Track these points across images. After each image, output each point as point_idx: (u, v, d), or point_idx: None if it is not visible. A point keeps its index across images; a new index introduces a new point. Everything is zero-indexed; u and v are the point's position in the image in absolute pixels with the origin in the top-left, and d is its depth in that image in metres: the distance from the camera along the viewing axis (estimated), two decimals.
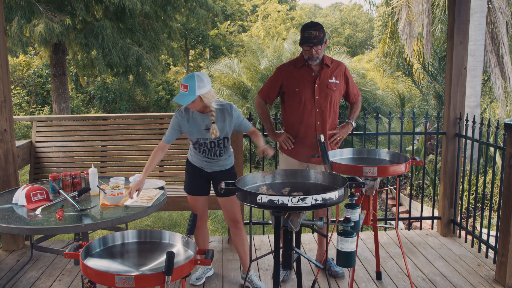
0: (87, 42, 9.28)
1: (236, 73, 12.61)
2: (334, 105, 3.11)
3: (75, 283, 3.18)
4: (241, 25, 28.00)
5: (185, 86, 2.62)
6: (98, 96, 17.70)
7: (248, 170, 6.91)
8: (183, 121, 2.82)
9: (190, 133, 2.84)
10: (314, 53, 2.95)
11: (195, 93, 2.61)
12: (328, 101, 3.07)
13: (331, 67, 3.09)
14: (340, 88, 3.11)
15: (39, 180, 3.94)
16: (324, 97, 3.05)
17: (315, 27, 2.93)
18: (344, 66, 3.17)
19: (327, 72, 3.07)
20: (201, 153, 2.90)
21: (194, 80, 2.62)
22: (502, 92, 9.44)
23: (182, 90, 2.64)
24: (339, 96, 3.15)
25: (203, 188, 3.00)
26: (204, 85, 2.64)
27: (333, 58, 3.18)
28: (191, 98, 2.61)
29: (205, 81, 2.66)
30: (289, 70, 3.13)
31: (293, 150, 3.16)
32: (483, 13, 8.19)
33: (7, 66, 3.53)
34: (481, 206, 3.85)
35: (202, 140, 2.83)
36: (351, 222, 2.14)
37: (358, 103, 3.30)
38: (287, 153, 3.20)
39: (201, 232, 3.13)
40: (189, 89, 2.60)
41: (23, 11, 8.43)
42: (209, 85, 2.70)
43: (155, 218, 6.39)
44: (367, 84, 12.60)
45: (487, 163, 6.58)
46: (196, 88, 2.61)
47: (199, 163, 2.94)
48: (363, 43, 36.21)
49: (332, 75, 3.07)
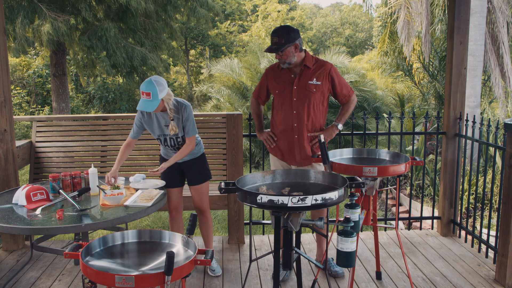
0: (92, 44, 9.31)
1: (236, 73, 12.61)
2: (313, 107, 3.05)
3: (75, 283, 3.18)
4: (241, 25, 28.00)
5: (147, 93, 2.76)
6: (98, 96, 17.70)
7: (248, 170, 6.92)
8: (144, 118, 3.02)
9: (151, 129, 3.04)
10: (280, 57, 2.97)
11: (158, 98, 2.78)
12: (306, 103, 3.03)
13: (313, 68, 3.04)
14: (322, 90, 3.04)
15: (39, 180, 3.94)
16: (302, 99, 3.03)
17: (277, 33, 2.93)
18: (330, 66, 3.07)
19: (308, 73, 3.03)
20: (167, 147, 3.09)
21: (154, 86, 2.77)
22: (502, 92, 9.44)
23: (144, 98, 2.78)
24: (321, 98, 3.07)
25: (177, 180, 3.17)
26: (163, 88, 2.81)
27: (320, 58, 3.13)
28: (156, 103, 2.78)
29: (163, 84, 2.83)
30: (274, 72, 3.17)
31: (275, 149, 3.22)
32: (483, 13, 8.19)
33: (7, 66, 3.53)
34: (481, 206, 3.85)
35: (163, 136, 3.02)
36: (351, 222, 2.14)
37: (349, 104, 3.16)
38: (271, 151, 3.28)
39: (176, 223, 3.27)
40: (152, 95, 2.76)
41: (26, 11, 8.44)
42: (166, 87, 2.86)
43: (155, 218, 6.40)
44: (367, 84, 12.59)
45: (487, 163, 6.58)
46: (158, 93, 2.77)
47: (169, 156, 3.13)
48: (363, 43, 36.21)
49: (313, 76, 3.02)
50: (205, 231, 3.32)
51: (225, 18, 25.07)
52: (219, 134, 4.06)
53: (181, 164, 3.14)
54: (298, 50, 2.98)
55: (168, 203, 3.21)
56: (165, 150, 3.15)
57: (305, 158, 3.10)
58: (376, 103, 12.13)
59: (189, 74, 24.78)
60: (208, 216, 3.29)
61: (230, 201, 3.86)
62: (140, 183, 3.09)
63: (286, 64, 3.01)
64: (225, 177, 3.96)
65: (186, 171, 3.16)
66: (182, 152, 2.98)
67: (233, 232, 3.94)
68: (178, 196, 3.23)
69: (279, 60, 3.02)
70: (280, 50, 2.91)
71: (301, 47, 3.01)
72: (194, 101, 20.10)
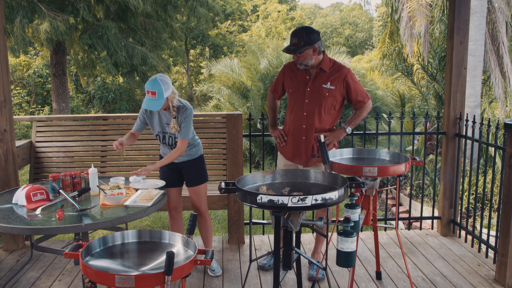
0: (92, 43, 9.31)
1: (236, 73, 12.61)
2: (325, 111, 3.03)
3: (75, 283, 3.18)
4: (241, 25, 28.00)
5: (153, 92, 2.76)
6: (98, 96, 17.70)
7: (248, 170, 6.91)
8: (146, 113, 3.05)
9: (152, 125, 3.07)
10: (297, 58, 2.97)
11: (163, 96, 2.78)
12: (317, 106, 3.01)
13: (329, 72, 3.01)
14: (335, 94, 3.01)
15: (39, 180, 3.94)
16: (313, 101, 3.01)
17: (297, 34, 2.92)
18: (347, 71, 3.02)
19: (323, 77, 3.01)
20: (166, 145, 3.09)
21: (159, 84, 2.77)
22: (502, 92, 9.44)
23: (150, 96, 2.78)
24: (334, 102, 3.03)
25: (175, 180, 3.18)
26: (168, 87, 2.82)
27: (338, 62, 3.08)
28: (161, 102, 2.78)
29: (168, 82, 2.83)
30: (291, 69, 3.16)
31: (284, 148, 3.22)
32: (483, 13, 8.19)
33: (7, 66, 3.53)
34: (481, 206, 3.85)
35: (162, 134, 3.04)
36: (351, 222, 2.14)
37: (362, 110, 3.12)
38: (279, 149, 3.28)
39: (176, 223, 3.29)
40: (157, 94, 2.76)
41: (25, 11, 8.44)
42: (171, 85, 2.86)
43: (155, 218, 6.39)
44: (367, 84, 12.60)
45: (487, 163, 6.58)
46: (164, 91, 2.77)
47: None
48: (363, 43, 36.20)
49: (327, 80, 3.00)
50: (204, 232, 3.33)
51: (225, 18, 25.06)
52: (219, 134, 4.06)
53: (179, 165, 3.15)
54: (316, 52, 2.96)
55: (168, 203, 3.21)
56: (164, 149, 3.15)
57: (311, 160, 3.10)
58: (376, 103, 12.13)
59: (189, 74, 24.78)
60: (207, 217, 3.30)
61: (230, 201, 3.86)
62: (140, 183, 3.08)
63: (303, 66, 2.99)
64: (225, 177, 3.96)
65: (184, 171, 3.17)
66: (170, 156, 2.97)
67: (233, 232, 3.94)
68: (177, 196, 3.24)
69: (296, 61, 3.00)
70: (298, 52, 2.90)
71: (320, 50, 2.98)
72: (194, 101, 20.10)
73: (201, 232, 3.35)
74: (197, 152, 3.17)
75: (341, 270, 3.36)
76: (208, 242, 3.34)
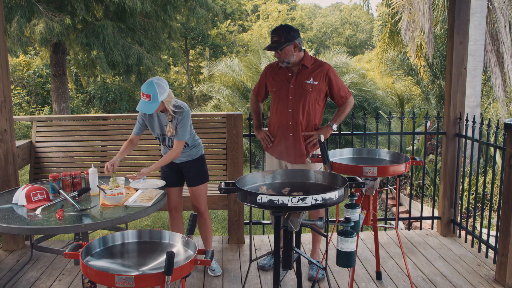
0: (88, 41, 9.30)
1: (236, 73, 12.61)
2: (309, 106, 3.06)
3: (75, 283, 3.18)
4: (241, 25, 28.00)
5: (147, 95, 2.74)
6: (98, 96, 17.71)
7: (248, 170, 6.91)
8: (145, 116, 3.05)
9: (152, 128, 3.06)
10: (279, 56, 2.99)
11: (158, 100, 2.76)
12: (301, 102, 3.04)
13: (311, 68, 3.05)
14: (318, 90, 3.04)
15: (39, 180, 3.94)
16: (297, 97, 3.04)
17: (277, 31, 2.95)
18: (328, 67, 3.07)
19: (305, 73, 3.05)
20: (166, 147, 3.08)
21: (155, 88, 2.75)
22: (502, 92, 9.44)
23: (144, 99, 2.76)
24: (317, 98, 3.07)
25: (175, 180, 3.18)
26: (164, 90, 2.79)
27: (319, 59, 3.13)
28: (155, 106, 2.77)
29: (164, 86, 2.80)
30: (272, 70, 3.20)
31: (272, 148, 3.24)
32: (483, 13, 8.19)
33: (7, 66, 3.53)
34: (481, 206, 3.85)
35: (161, 136, 3.04)
36: (351, 222, 2.14)
37: (345, 106, 3.14)
38: (267, 150, 3.29)
39: (176, 223, 3.29)
40: (152, 97, 2.75)
41: (23, 11, 8.43)
42: (168, 88, 2.83)
43: (155, 218, 6.40)
44: (367, 84, 12.59)
45: (487, 163, 6.58)
46: (158, 95, 2.76)
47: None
48: (363, 43, 36.19)
49: (310, 76, 3.04)
50: (204, 232, 3.33)
51: (225, 18, 25.05)
52: (219, 134, 4.06)
53: (180, 165, 3.15)
54: (297, 49, 2.99)
55: (168, 202, 3.22)
56: (165, 150, 3.15)
57: (300, 156, 3.11)
58: (376, 103, 12.13)
59: (189, 74, 24.78)
60: (207, 217, 3.30)
61: (230, 201, 3.86)
62: (140, 183, 3.08)
63: (285, 63, 3.02)
64: (225, 177, 3.96)
65: (184, 172, 3.17)
66: (166, 158, 2.96)
67: (233, 232, 3.94)
68: (178, 195, 3.23)
69: (278, 59, 3.03)
70: (279, 48, 2.93)
71: (300, 47, 3.02)
72: (194, 101, 20.10)
73: (201, 233, 3.35)
74: (198, 152, 3.16)
75: (341, 270, 3.37)
76: (208, 242, 3.34)
